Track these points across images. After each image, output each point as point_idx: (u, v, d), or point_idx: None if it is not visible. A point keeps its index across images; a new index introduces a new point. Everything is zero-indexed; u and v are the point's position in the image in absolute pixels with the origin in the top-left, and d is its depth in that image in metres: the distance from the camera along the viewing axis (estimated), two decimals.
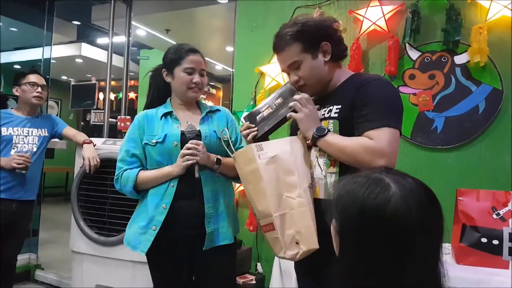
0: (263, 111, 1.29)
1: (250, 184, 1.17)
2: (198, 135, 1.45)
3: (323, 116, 1.21)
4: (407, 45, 2.16)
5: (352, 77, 1.25)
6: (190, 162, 1.38)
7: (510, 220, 1.46)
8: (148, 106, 1.61)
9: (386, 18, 2.17)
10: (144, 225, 1.44)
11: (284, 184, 1.12)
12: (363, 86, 1.14)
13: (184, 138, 1.44)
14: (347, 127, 1.14)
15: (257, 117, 1.30)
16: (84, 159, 2.14)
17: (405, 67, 2.18)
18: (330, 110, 1.19)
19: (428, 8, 2.12)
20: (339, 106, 1.17)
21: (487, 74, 2.00)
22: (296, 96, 1.20)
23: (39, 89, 2.24)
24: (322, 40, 1.21)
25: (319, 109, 1.24)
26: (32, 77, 2.24)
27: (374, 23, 2.19)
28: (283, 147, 1.16)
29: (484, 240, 1.46)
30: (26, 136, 2.22)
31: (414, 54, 2.16)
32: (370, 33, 2.25)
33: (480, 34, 1.95)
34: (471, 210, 1.51)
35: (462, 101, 2.04)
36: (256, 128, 1.28)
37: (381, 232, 0.63)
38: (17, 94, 2.26)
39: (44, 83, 2.30)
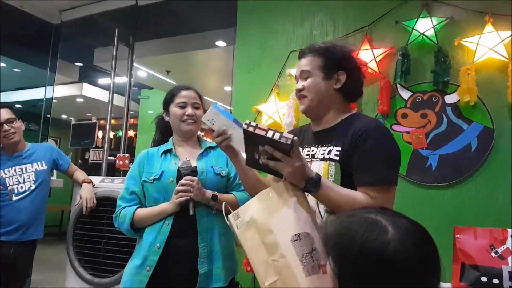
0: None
1: (247, 254, 1.06)
2: (194, 171, 1.45)
3: (322, 156, 1.17)
4: (398, 85, 2.23)
5: (352, 117, 1.22)
6: (183, 198, 1.38)
7: (509, 258, 1.44)
8: (154, 147, 1.65)
9: (377, 61, 2.26)
10: (138, 265, 1.41)
11: (266, 247, 1.00)
12: (362, 134, 1.11)
13: (180, 175, 1.44)
14: (348, 169, 1.12)
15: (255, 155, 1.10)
16: (81, 198, 2.13)
17: (397, 106, 2.25)
18: (330, 151, 1.15)
19: (417, 51, 2.22)
20: (339, 149, 1.14)
21: (477, 113, 2.05)
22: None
23: (5, 126, 2.14)
24: (341, 68, 1.21)
25: (317, 147, 1.20)
26: None
27: (365, 65, 2.28)
28: (256, 206, 1.04)
29: (484, 279, 1.44)
30: (20, 174, 2.16)
31: (405, 94, 2.23)
32: None
33: (468, 75, 2.03)
34: (469, 249, 1.49)
35: (455, 139, 2.08)
36: (229, 135, 1.18)
37: (380, 273, 0.65)
38: None
39: (8, 116, 2.15)
